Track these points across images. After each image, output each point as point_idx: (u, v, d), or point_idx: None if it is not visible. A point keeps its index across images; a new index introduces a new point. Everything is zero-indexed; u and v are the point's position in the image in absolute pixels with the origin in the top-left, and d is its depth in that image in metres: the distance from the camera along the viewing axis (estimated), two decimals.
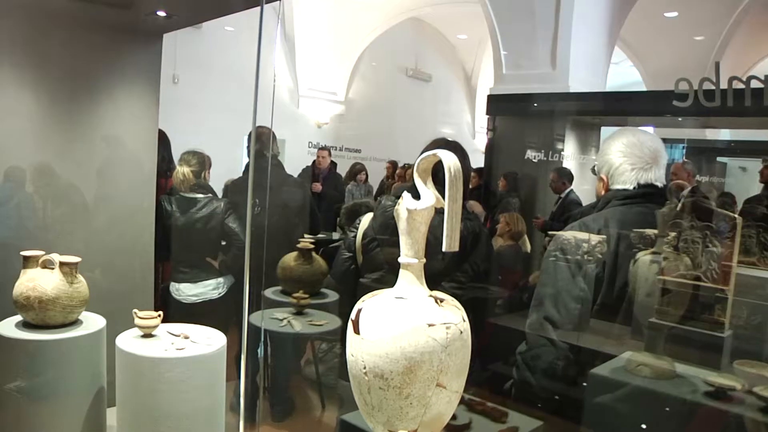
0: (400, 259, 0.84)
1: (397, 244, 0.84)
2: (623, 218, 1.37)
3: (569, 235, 1.40)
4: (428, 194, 0.82)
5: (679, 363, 1.19)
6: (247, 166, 2.93)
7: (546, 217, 4.55)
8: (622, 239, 1.34)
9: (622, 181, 1.42)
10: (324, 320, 2.32)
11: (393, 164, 6.37)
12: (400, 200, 0.82)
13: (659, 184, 1.40)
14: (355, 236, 2.00)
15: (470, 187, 6.15)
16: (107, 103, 2.28)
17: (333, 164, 5.63)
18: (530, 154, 5.04)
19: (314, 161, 5.32)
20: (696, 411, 1.13)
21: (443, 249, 0.78)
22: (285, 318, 2.31)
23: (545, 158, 4.99)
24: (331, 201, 5.36)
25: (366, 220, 1.97)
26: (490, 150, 5.52)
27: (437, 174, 0.84)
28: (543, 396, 1.33)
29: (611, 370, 1.25)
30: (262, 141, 2.86)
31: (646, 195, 1.37)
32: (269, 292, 2.56)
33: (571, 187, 4.52)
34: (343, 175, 6.72)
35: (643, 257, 1.28)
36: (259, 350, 2.52)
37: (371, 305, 0.85)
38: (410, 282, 0.84)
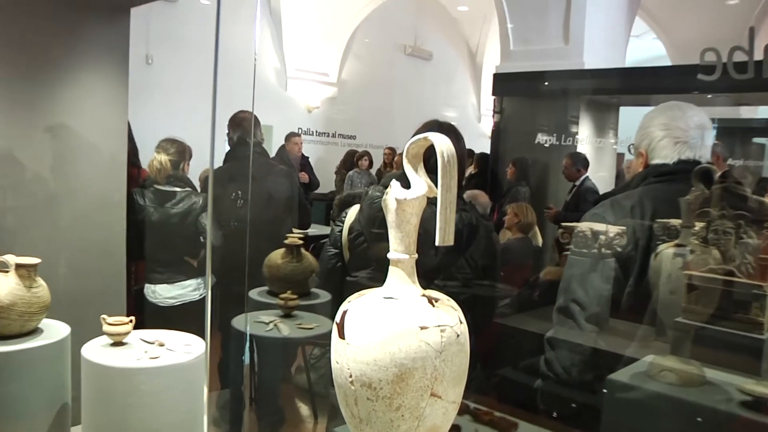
0: (389, 255, 0.83)
1: (386, 239, 0.82)
2: (659, 195, 1.35)
3: (585, 226, 1.38)
4: (419, 182, 0.81)
5: (709, 368, 1.17)
6: (228, 155, 2.90)
7: (559, 207, 4.53)
8: (657, 216, 1.32)
9: (663, 156, 1.41)
10: (314, 323, 2.30)
11: (392, 151, 6.33)
12: (388, 190, 0.81)
13: (703, 162, 1.39)
14: (341, 231, 1.99)
15: (470, 173, 6.12)
16: (70, 85, 2.25)
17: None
18: (541, 138, 5.01)
19: (282, 146, 5.21)
20: (730, 423, 1.11)
21: (436, 243, 0.77)
22: (271, 321, 2.29)
23: (558, 142, 4.96)
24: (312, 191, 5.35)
25: (352, 213, 1.96)
26: (497, 134, 5.49)
27: (428, 160, 0.83)
28: (570, 402, 1.33)
29: (632, 376, 1.23)
30: (243, 127, 2.83)
31: (688, 172, 1.34)
32: (254, 293, 2.54)
33: (587, 174, 4.50)
34: (338, 162, 6.70)
35: (666, 250, 1.26)
36: (244, 357, 2.51)
37: (357, 306, 0.84)
38: (401, 280, 0.83)
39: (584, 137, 5.00)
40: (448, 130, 1.73)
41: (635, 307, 1.34)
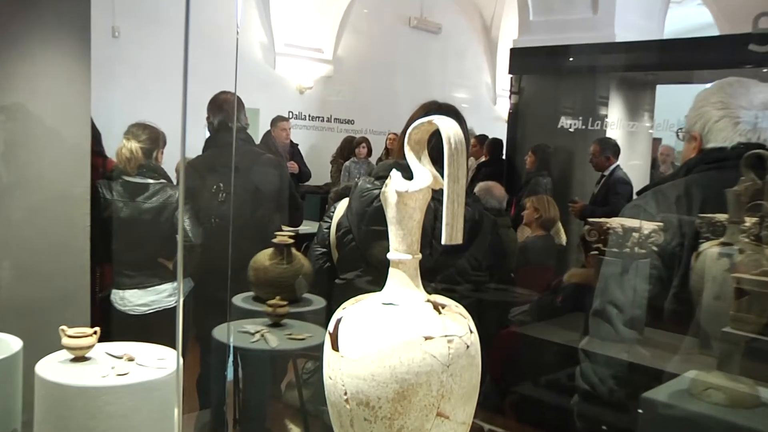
0: (389, 255, 0.84)
1: (378, 236, 0.82)
2: (711, 184, 1.32)
3: (615, 222, 1.37)
4: (423, 173, 0.81)
5: (763, 386, 1.15)
6: (208, 142, 2.89)
7: (585, 200, 4.51)
8: (708, 209, 1.30)
9: (720, 139, 1.39)
10: (306, 333, 2.30)
11: (394, 137, 6.33)
12: (387, 181, 0.81)
13: None
14: (328, 228, 1.99)
15: (480, 161, 6.08)
16: (23, 61, 2.24)
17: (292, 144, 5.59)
18: (565, 122, 4.99)
19: (267, 132, 5.20)
20: None
21: (442, 241, 0.77)
22: (258, 331, 2.29)
23: (584, 127, 4.93)
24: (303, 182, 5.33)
25: (341, 207, 1.95)
26: (515, 118, 5.48)
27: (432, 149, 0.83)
28: (606, 421, 1.33)
29: (671, 394, 1.22)
30: (225, 110, 2.82)
31: None
32: (238, 299, 2.54)
33: (617, 162, 4.48)
34: (333, 150, 6.70)
35: (709, 250, 1.25)
36: (227, 372, 2.50)
37: (353, 314, 0.84)
38: (402, 284, 0.84)
39: (615, 120, 4.98)
40: (449, 111, 1.74)
41: (674, 315, 1.33)
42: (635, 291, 1.33)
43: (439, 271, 1.66)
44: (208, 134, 2.93)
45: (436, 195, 0.81)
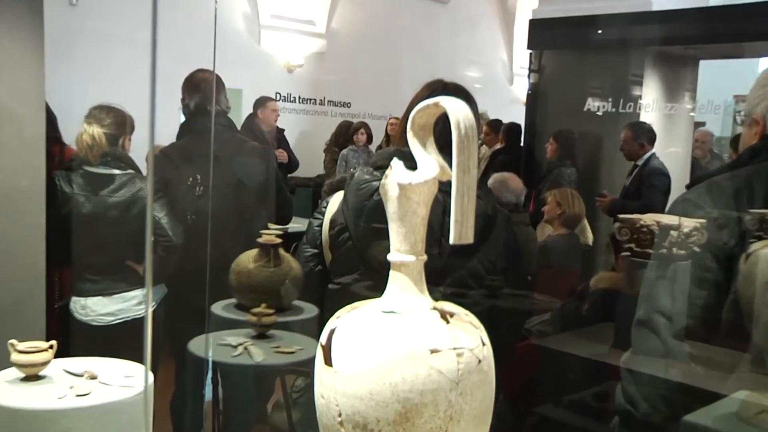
0: (389, 257, 0.83)
1: (377, 235, 0.82)
2: None
3: (650, 219, 1.36)
4: (428, 162, 0.81)
5: None
6: (183, 128, 2.88)
7: (615, 194, 4.49)
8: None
9: None
10: (296, 345, 2.30)
11: (396, 122, 6.32)
12: (388, 172, 0.81)
13: None
14: (320, 225, 1.99)
15: (497, 147, 6.01)
16: None
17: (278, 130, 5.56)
18: (592, 103, 4.97)
19: (251, 115, 5.16)
20: None
21: (450, 240, 0.76)
22: (241, 344, 2.29)
23: (614, 110, 4.92)
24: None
25: (335, 202, 1.95)
26: (535, 99, 5.46)
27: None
28: None
29: (717, 418, 1.22)
30: (203, 91, 2.81)
31: None
32: (218, 308, 2.54)
33: (653, 150, 4.47)
34: (328, 137, 6.69)
35: (763, 251, 1.24)
36: (205, 391, 2.50)
37: (349, 324, 0.84)
38: (404, 289, 0.83)
39: (650, 102, 4.95)
40: (457, 92, 1.73)
41: (729, 326, 1.32)
42: (686, 298, 1.32)
43: (448, 274, 1.65)
44: (183, 119, 2.92)
45: (444, 187, 0.81)
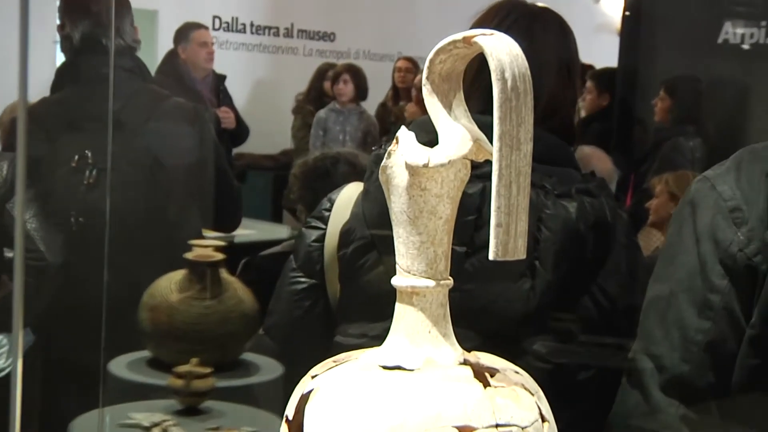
0: (394, 281, 0.68)
1: None
2: None
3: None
4: (456, 133, 0.64)
5: None
6: (62, 74, 2.07)
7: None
8: None
9: None
10: (246, 427, 1.88)
11: (412, 65, 4.66)
12: (392, 148, 0.66)
13: None
14: (321, 240, 1.42)
15: (584, 114, 4.54)
16: None
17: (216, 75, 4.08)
18: (731, 31, 3.57)
19: (172, 52, 3.81)
20: None
21: (489, 255, 0.61)
22: (157, 425, 1.86)
23: (766, 40, 3.56)
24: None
25: (346, 200, 1.38)
26: (634, 27, 3.94)
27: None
28: None
29: None
30: (94, 14, 2.10)
31: None
32: (120, 364, 2.07)
33: None
34: (299, 88, 4.76)
35: None
36: None
37: (331, 387, 0.67)
38: (417, 330, 0.66)
39: None
40: (543, 17, 1.21)
41: (730, 378, 1.08)
42: (686, 329, 1.04)
43: (534, 320, 1.20)
44: (62, 58, 2.07)
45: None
